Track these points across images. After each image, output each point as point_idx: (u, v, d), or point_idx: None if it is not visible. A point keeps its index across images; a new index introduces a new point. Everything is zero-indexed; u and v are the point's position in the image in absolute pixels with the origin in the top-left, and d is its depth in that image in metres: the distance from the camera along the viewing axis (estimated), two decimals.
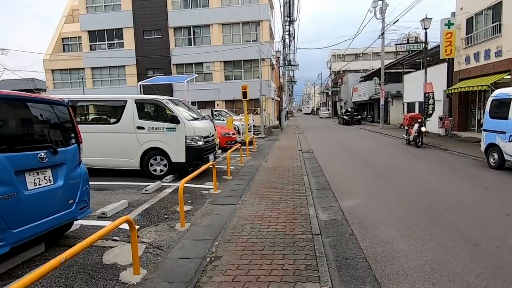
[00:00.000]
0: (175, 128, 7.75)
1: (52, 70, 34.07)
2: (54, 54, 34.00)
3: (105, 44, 32.85)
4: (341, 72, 60.31)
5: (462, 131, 16.93)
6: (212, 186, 7.18)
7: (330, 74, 62.36)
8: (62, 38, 35.81)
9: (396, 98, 29.96)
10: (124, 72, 32.69)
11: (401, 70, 32.10)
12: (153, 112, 8.21)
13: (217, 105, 31.65)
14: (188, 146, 7.79)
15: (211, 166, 6.84)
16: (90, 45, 32.95)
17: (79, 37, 33.83)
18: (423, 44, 18.08)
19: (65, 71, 34.04)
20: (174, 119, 7.67)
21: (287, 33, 29.67)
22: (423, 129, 12.98)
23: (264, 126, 23.17)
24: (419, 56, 24.05)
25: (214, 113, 22.76)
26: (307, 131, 25.74)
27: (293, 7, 28.29)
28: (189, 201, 6.18)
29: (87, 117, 8.51)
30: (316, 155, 12.30)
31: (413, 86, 23.37)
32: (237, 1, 30.74)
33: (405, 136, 14.47)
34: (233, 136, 13.75)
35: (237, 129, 21.31)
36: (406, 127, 14.47)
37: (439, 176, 8.03)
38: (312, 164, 10.40)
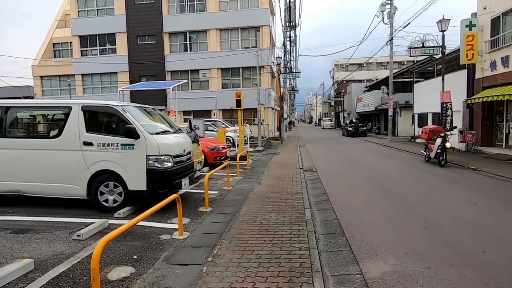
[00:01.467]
0: (133, 145, 5.77)
1: (41, 77, 32.42)
2: (43, 59, 32.40)
3: (96, 49, 31.24)
4: (344, 82, 58.67)
5: (486, 146, 14.90)
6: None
7: (333, 84, 60.70)
8: (53, 44, 34.27)
9: (404, 109, 28.02)
10: (116, 79, 30.96)
11: (410, 79, 30.26)
12: (106, 123, 6.24)
13: (214, 114, 29.82)
14: (151, 169, 5.80)
15: (176, 198, 4.83)
16: (81, 51, 31.35)
17: (70, 42, 32.25)
18: (440, 48, 16.17)
19: (54, 78, 32.37)
20: (131, 133, 5.69)
21: (288, 39, 27.92)
22: (447, 144, 10.94)
23: (263, 138, 21.21)
24: (431, 64, 22.19)
25: (209, 123, 20.87)
26: (309, 144, 23.73)
27: (294, 11, 26.59)
28: (135, 257, 4.15)
29: (18, 128, 6.52)
30: (321, 174, 10.27)
31: (425, 96, 21.44)
32: (235, 6, 29.16)
33: (424, 152, 12.45)
34: (223, 150, 11.76)
35: (232, 141, 19.36)
36: (425, 142, 12.45)
37: (497, 216, 5.90)
38: (316, 189, 8.36)
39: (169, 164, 6.04)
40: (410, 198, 7.14)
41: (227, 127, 22.19)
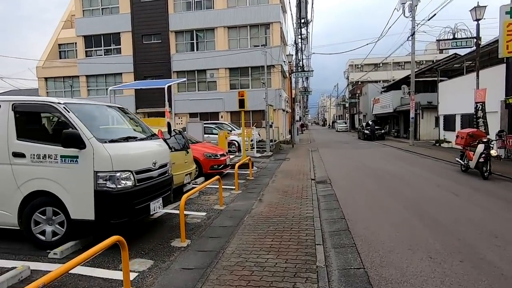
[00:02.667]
0: (77, 157, 4.17)
1: (46, 78, 31.62)
2: (48, 61, 31.62)
3: (101, 50, 30.23)
4: (359, 83, 56.35)
5: None
6: (136, 268, 3.57)
7: (348, 85, 58.48)
8: (59, 44, 33.51)
9: (427, 110, 25.81)
10: (121, 80, 29.81)
11: (432, 79, 28.04)
12: (43, 126, 4.67)
13: (221, 117, 28.31)
14: (101, 190, 4.18)
15: (119, 240, 3.19)
16: (86, 51, 30.41)
17: (76, 43, 31.37)
18: (474, 40, 14.11)
19: (59, 79, 31.54)
20: (72, 140, 4.10)
21: (299, 36, 26.15)
22: (493, 152, 8.97)
23: (271, 142, 19.50)
24: (459, 60, 20.03)
25: (213, 126, 19.31)
26: (323, 148, 21.86)
27: (306, 7, 24.82)
28: None
29: None
30: (336, 189, 8.48)
31: (452, 96, 19.29)
32: (244, 2, 27.61)
33: (460, 161, 10.48)
34: (222, 158, 10.10)
35: (237, 145, 17.74)
36: (461, 149, 10.50)
37: None
38: (331, 210, 6.59)
39: (129, 183, 4.40)
40: (460, 229, 5.27)
41: (234, 130, 20.59)
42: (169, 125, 6.11)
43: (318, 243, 4.60)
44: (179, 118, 29.79)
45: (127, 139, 4.79)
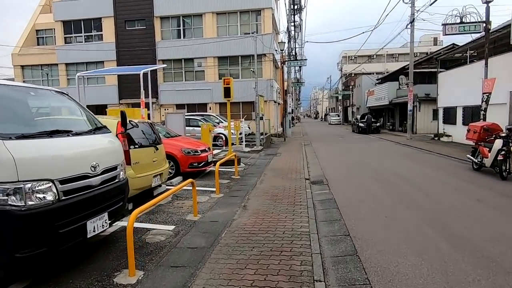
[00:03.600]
0: None
1: (22, 66, 29.64)
2: (24, 47, 29.60)
3: (81, 36, 28.34)
4: (353, 75, 55.18)
5: None
6: None
7: (341, 77, 57.29)
8: (36, 30, 31.40)
9: (424, 103, 24.76)
10: (104, 68, 28.03)
11: (430, 69, 27.01)
12: None
13: (210, 108, 26.87)
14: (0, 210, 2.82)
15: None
16: (65, 38, 28.50)
17: (54, 29, 29.38)
18: (483, 25, 12.92)
19: (36, 67, 29.58)
20: None
21: (292, 23, 24.72)
22: None
23: (262, 135, 18.22)
24: (460, 50, 18.88)
25: (198, 118, 17.91)
26: (316, 142, 20.65)
27: None
28: None
29: None
30: (335, 192, 7.25)
31: (454, 87, 18.19)
32: None
33: (472, 158, 9.33)
34: (203, 154, 8.76)
35: (224, 139, 16.40)
36: (474, 144, 9.35)
37: None
38: (332, 222, 5.34)
39: (49, 198, 3.06)
40: (506, 253, 4.07)
41: (222, 122, 19.22)
42: (123, 115, 4.73)
43: (317, 278, 3.34)
44: (165, 109, 28.29)
45: (52, 133, 3.41)
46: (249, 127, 19.84)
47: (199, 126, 16.64)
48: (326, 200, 6.56)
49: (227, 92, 10.71)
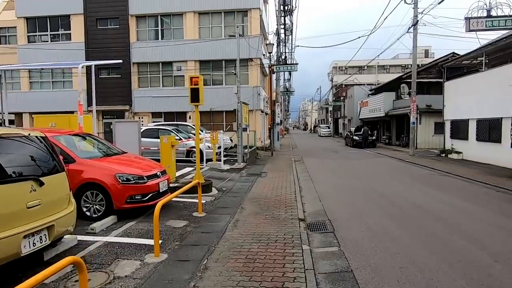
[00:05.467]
0: None
1: None
2: None
3: (47, 35, 25.37)
4: (343, 85, 53.39)
5: None
6: None
7: (332, 88, 55.41)
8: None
9: (425, 115, 22.61)
10: (71, 72, 25.07)
11: (430, 80, 24.99)
12: None
13: (190, 117, 24.11)
14: None
15: None
16: (28, 36, 25.48)
17: (17, 26, 26.32)
18: None
19: None
20: None
21: (282, 25, 22.39)
22: None
23: (246, 149, 15.57)
24: (474, 54, 16.72)
25: (168, 129, 15.14)
26: (308, 157, 18.09)
27: None
28: None
29: None
30: (349, 252, 4.59)
31: (465, 97, 15.97)
32: None
33: None
34: (150, 182, 6.00)
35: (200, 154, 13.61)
36: None
37: None
38: None
39: None
40: None
41: (200, 133, 16.37)
42: None
43: None
44: (139, 118, 25.41)
45: None
46: (231, 140, 17.16)
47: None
48: (337, 273, 3.86)
49: (194, 95, 8.05)
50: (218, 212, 6.46)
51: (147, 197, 5.93)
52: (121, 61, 11.49)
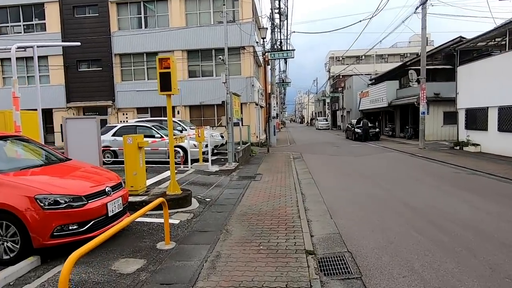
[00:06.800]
0: None
1: None
2: None
3: (19, 25, 23.25)
4: (341, 76, 51.50)
5: None
6: None
7: (329, 79, 53.54)
8: None
9: (433, 104, 20.86)
10: (47, 65, 23.04)
11: (436, 67, 23.21)
12: None
13: (178, 112, 22.21)
14: None
15: None
16: (0, 27, 23.32)
17: None
18: None
19: None
20: None
21: (276, 9, 20.46)
22: None
23: (240, 146, 13.76)
24: (491, 35, 14.92)
25: (151, 125, 13.27)
26: (308, 153, 16.32)
27: None
28: None
29: None
30: None
31: (483, 83, 14.22)
32: None
33: None
34: (93, 203, 4.16)
35: (183, 154, 11.83)
36: None
37: None
38: None
39: None
40: None
41: (184, 130, 14.51)
42: None
43: None
44: (123, 114, 23.47)
45: None
46: (222, 136, 15.32)
47: (153, 136, 12.10)
48: None
49: (165, 82, 6.18)
50: (193, 241, 4.66)
51: (87, 226, 4.11)
52: (78, 43, 9.54)
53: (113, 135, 12.61)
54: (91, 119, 6.94)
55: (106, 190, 4.51)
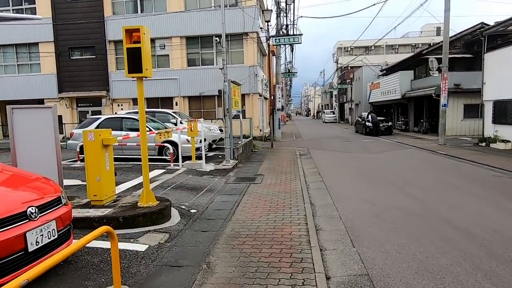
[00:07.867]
0: None
1: None
2: None
3: (9, 9, 21.80)
4: (349, 68, 49.48)
5: None
6: None
7: (337, 70, 51.58)
8: None
9: (453, 96, 19.09)
10: (38, 51, 21.65)
11: (455, 55, 21.38)
12: None
13: (176, 103, 20.79)
14: None
15: None
16: None
17: None
18: None
19: None
20: None
21: None
22: None
23: (240, 141, 12.28)
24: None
25: (130, 119, 11.81)
26: (316, 149, 14.80)
27: None
28: None
29: None
30: None
31: None
32: None
33: None
34: (9, 231, 2.70)
35: (174, 150, 10.37)
36: None
37: None
38: None
39: None
40: None
41: (181, 123, 13.01)
42: None
43: None
44: (118, 105, 22.09)
45: None
46: (221, 130, 13.82)
47: (137, 130, 10.66)
48: None
49: (133, 61, 4.70)
50: (155, 285, 3.21)
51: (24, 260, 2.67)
52: (40, 17, 8.06)
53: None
54: (46, 108, 5.50)
55: (28, 213, 3.06)
